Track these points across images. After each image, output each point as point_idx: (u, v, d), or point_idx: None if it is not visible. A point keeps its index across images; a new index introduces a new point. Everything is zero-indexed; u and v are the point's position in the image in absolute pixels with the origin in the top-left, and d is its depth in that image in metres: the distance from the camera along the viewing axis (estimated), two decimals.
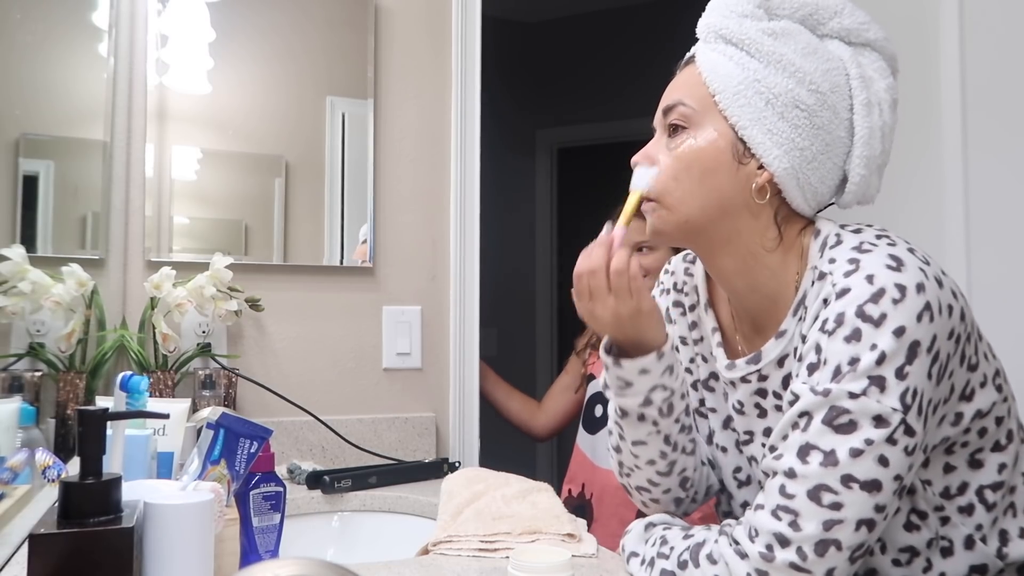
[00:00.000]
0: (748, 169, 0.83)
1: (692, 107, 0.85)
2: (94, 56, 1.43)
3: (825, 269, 0.80)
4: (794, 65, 0.82)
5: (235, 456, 0.88)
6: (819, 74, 0.83)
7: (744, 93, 0.82)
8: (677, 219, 0.86)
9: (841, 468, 0.72)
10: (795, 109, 0.82)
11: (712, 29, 0.86)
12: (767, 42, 0.83)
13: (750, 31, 0.84)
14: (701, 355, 1.01)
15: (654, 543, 0.86)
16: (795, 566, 0.72)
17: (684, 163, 0.85)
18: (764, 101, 0.82)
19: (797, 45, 0.83)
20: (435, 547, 1.03)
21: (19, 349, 1.13)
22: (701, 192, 0.84)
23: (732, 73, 0.83)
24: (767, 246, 0.86)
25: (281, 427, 1.54)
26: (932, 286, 0.75)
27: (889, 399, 0.72)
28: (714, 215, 0.85)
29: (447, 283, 1.75)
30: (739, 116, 0.82)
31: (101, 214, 1.43)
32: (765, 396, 0.90)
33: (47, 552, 0.64)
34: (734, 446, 0.98)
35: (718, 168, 0.84)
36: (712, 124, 0.84)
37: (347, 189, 1.67)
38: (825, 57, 0.84)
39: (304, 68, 1.65)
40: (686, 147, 0.85)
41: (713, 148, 0.84)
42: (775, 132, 0.82)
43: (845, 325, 0.74)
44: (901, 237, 0.81)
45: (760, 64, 0.83)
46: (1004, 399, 0.84)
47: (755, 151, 0.83)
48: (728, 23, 0.85)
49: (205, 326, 1.52)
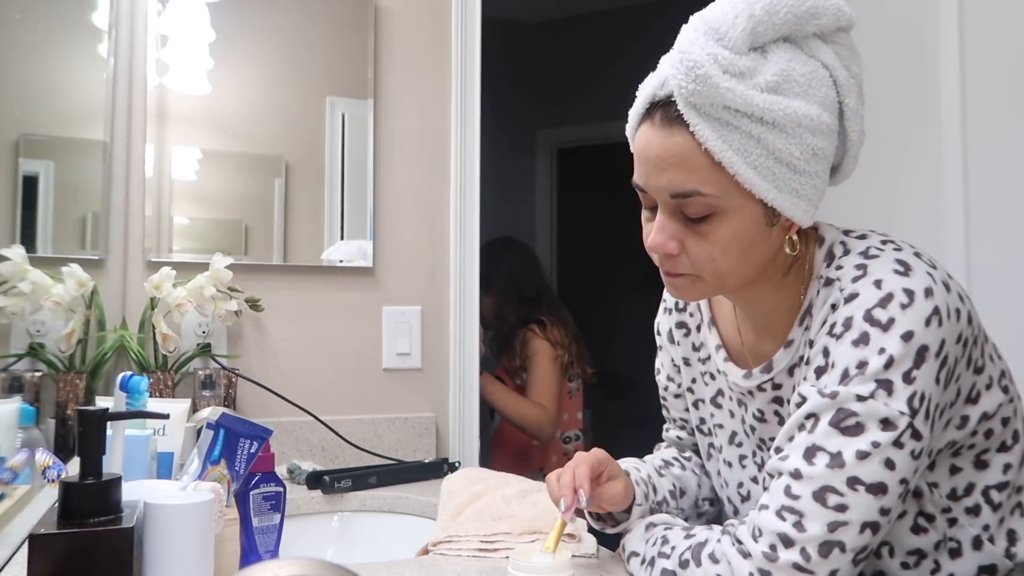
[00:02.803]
0: (779, 226, 0.81)
1: (713, 194, 0.77)
2: (94, 56, 1.43)
3: (832, 276, 0.80)
4: (807, 116, 0.75)
5: (235, 456, 0.88)
6: (823, 108, 0.77)
7: (765, 166, 0.76)
8: (716, 290, 0.85)
9: (847, 470, 0.72)
10: (814, 159, 0.77)
11: (708, 98, 0.74)
12: (776, 103, 0.74)
13: (756, 98, 0.74)
14: (709, 373, 1.00)
15: (655, 543, 0.86)
16: (798, 567, 0.72)
17: (720, 247, 0.80)
18: (786, 166, 0.76)
19: (798, 87, 0.76)
20: (435, 547, 1.03)
21: (19, 349, 1.13)
22: (741, 268, 0.82)
23: (747, 148, 0.75)
24: (783, 269, 0.86)
25: (281, 427, 1.54)
26: (940, 290, 0.75)
27: (896, 402, 0.72)
28: (752, 279, 0.84)
29: (447, 283, 1.74)
30: (767, 191, 0.76)
31: (101, 214, 1.43)
32: (782, 404, 0.90)
33: (47, 552, 0.64)
34: (738, 461, 0.98)
35: (754, 243, 0.80)
36: (739, 204, 0.78)
37: (347, 189, 1.66)
38: (819, 78, 0.78)
39: (304, 68, 1.64)
40: (720, 234, 0.79)
41: (747, 227, 0.79)
42: (800, 190, 0.78)
43: (853, 329, 0.74)
44: (905, 241, 0.81)
45: (776, 131, 0.75)
46: (1010, 400, 0.84)
47: (786, 215, 0.79)
48: (731, 95, 0.73)
49: (205, 326, 1.52)
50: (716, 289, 0.85)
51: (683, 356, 1.03)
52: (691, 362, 1.03)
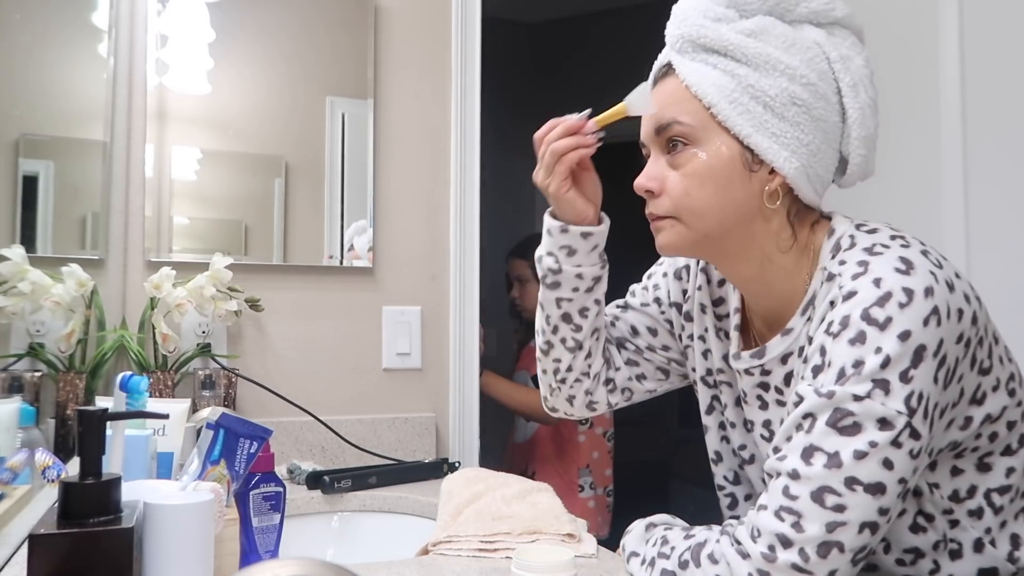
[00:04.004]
0: (759, 176, 0.83)
1: (689, 124, 0.83)
2: (94, 56, 1.43)
3: (835, 271, 0.80)
4: (782, 62, 0.81)
5: (235, 456, 0.88)
6: (805, 65, 0.82)
7: (740, 101, 0.81)
8: (695, 235, 0.85)
9: (845, 470, 0.72)
10: (792, 106, 0.81)
11: (688, 39, 0.83)
12: (750, 44, 0.81)
13: (730, 35, 0.81)
14: (724, 331, 0.99)
15: (655, 543, 0.86)
16: (797, 567, 0.72)
17: (696, 180, 0.83)
18: (762, 105, 0.81)
19: (777, 40, 0.82)
20: (435, 547, 1.03)
21: (19, 349, 1.13)
22: (718, 206, 0.83)
23: (723, 83, 0.81)
24: (782, 247, 0.86)
25: (281, 427, 1.54)
26: (941, 290, 0.75)
27: (894, 402, 0.72)
28: (731, 226, 0.84)
29: (447, 283, 1.74)
30: (741, 126, 0.81)
31: (101, 214, 1.43)
32: (767, 390, 0.90)
33: (47, 552, 0.64)
34: (742, 424, 0.98)
35: (731, 181, 0.83)
36: (715, 138, 0.82)
37: (347, 189, 1.66)
38: (804, 46, 0.83)
39: (304, 68, 1.64)
40: (695, 164, 0.83)
41: (722, 162, 0.82)
42: (779, 134, 0.81)
43: (850, 328, 0.74)
44: (917, 238, 0.80)
45: (749, 68, 0.81)
46: (1017, 404, 0.83)
47: (764, 157, 0.82)
48: (705, 31, 0.82)
49: (205, 326, 1.52)
50: (696, 235, 0.85)
51: (700, 302, 1.01)
52: (706, 310, 1.01)
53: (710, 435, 1.03)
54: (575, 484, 2.17)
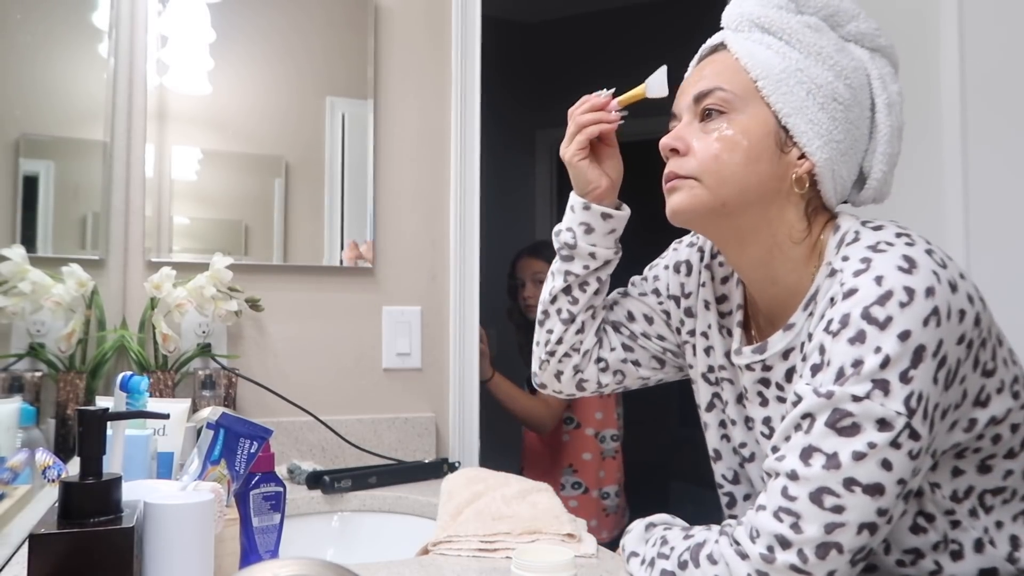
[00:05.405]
0: (789, 158, 0.84)
1: (733, 92, 0.85)
2: (94, 56, 1.43)
3: (837, 266, 0.79)
4: (832, 59, 0.84)
5: (235, 456, 0.88)
6: (850, 70, 0.85)
7: (787, 82, 0.83)
8: (714, 200, 0.85)
9: (843, 471, 0.72)
10: (833, 102, 0.84)
11: (749, 18, 0.87)
12: (808, 34, 0.85)
13: (790, 22, 0.85)
14: (727, 328, 0.99)
15: (654, 543, 0.86)
16: (796, 568, 0.72)
17: (727, 145, 0.84)
18: (805, 91, 0.83)
19: (830, 40, 0.86)
20: (435, 547, 1.03)
21: (19, 349, 1.13)
22: (742, 175, 0.84)
23: (773, 62, 0.84)
24: (795, 238, 0.86)
25: (281, 427, 1.54)
26: (943, 290, 0.74)
27: (893, 402, 0.72)
28: (751, 200, 0.85)
29: (447, 283, 1.75)
30: (783, 104, 0.83)
31: (101, 214, 1.43)
32: (768, 386, 0.90)
33: (47, 552, 0.64)
34: (743, 422, 0.98)
35: (761, 154, 0.84)
36: (754, 109, 0.84)
37: (347, 189, 1.67)
38: (851, 55, 0.86)
39: (304, 68, 1.65)
40: (730, 131, 0.85)
41: (757, 134, 0.84)
42: (816, 123, 0.83)
43: (850, 327, 0.74)
44: (923, 237, 0.80)
45: (801, 55, 0.84)
46: (1021, 406, 0.83)
47: (797, 140, 0.84)
48: (767, 12, 0.86)
49: (205, 326, 1.52)
50: (714, 201, 0.85)
51: (704, 299, 1.01)
52: (710, 307, 1.01)
53: (710, 432, 1.03)
54: (557, 483, 2.17)
